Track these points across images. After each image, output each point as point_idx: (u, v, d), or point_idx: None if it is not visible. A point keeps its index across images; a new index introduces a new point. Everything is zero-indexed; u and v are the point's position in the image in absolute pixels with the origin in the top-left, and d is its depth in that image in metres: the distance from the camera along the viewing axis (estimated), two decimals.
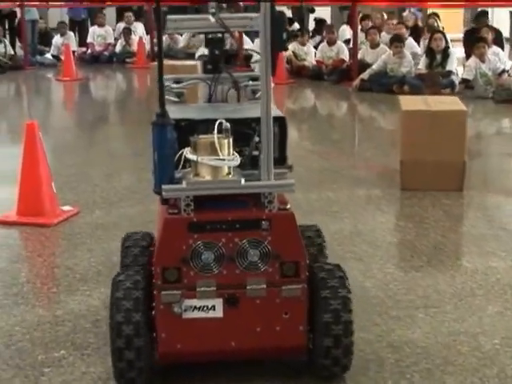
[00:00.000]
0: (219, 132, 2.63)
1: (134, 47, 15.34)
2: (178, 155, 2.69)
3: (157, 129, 2.67)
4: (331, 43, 12.73)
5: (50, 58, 15.61)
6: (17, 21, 15.88)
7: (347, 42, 14.15)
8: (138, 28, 16.23)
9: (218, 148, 2.60)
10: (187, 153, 2.66)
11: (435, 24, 13.07)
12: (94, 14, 16.48)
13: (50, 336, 3.24)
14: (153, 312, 2.68)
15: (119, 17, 17.00)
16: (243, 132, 2.78)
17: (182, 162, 2.69)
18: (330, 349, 2.69)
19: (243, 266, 2.63)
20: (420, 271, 4.00)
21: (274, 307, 2.67)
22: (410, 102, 5.98)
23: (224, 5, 2.97)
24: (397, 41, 11.20)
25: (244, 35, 13.12)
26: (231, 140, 2.66)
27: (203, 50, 13.87)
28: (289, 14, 16.87)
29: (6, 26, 16.24)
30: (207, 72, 3.16)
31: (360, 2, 12.47)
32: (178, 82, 3.21)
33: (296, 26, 15.82)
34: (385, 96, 10.53)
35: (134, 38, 15.60)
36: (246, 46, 12.51)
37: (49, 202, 4.90)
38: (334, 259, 4.10)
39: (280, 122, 2.82)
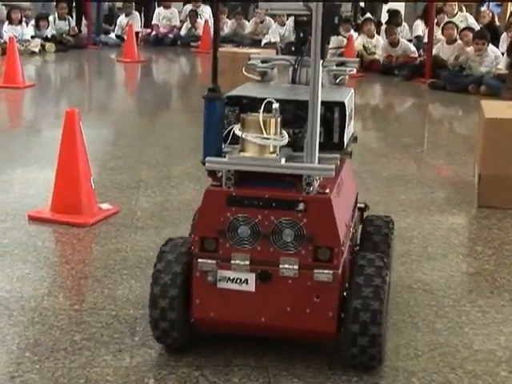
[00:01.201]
0: (269, 111, 2.66)
1: (200, 31, 14.90)
2: (227, 130, 2.78)
3: (206, 103, 2.77)
4: (394, 45, 12.08)
5: (114, 38, 15.32)
6: None
7: (418, 38, 13.45)
8: (205, 11, 15.73)
9: (262, 126, 2.63)
10: (236, 129, 2.70)
11: None
12: None
13: (63, 368, 2.77)
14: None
15: None
16: (302, 114, 2.76)
17: (230, 137, 2.76)
18: (357, 336, 2.66)
19: (277, 245, 2.67)
20: (501, 312, 3.41)
21: (305, 289, 2.67)
22: (494, 109, 5.33)
23: None
24: (478, 37, 10.46)
25: None
26: (279, 120, 2.68)
27: (269, 38, 13.47)
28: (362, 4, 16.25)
29: (73, 4, 15.99)
30: (291, 54, 3.19)
31: None
32: (264, 61, 3.29)
33: (368, 15, 15.21)
34: (459, 96, 9.89)
35: (200, 22, 15.15)
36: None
37: (86, 198, 4.45)
38: (400, 289, 3.59)
39: (340, 107, 2.82)
